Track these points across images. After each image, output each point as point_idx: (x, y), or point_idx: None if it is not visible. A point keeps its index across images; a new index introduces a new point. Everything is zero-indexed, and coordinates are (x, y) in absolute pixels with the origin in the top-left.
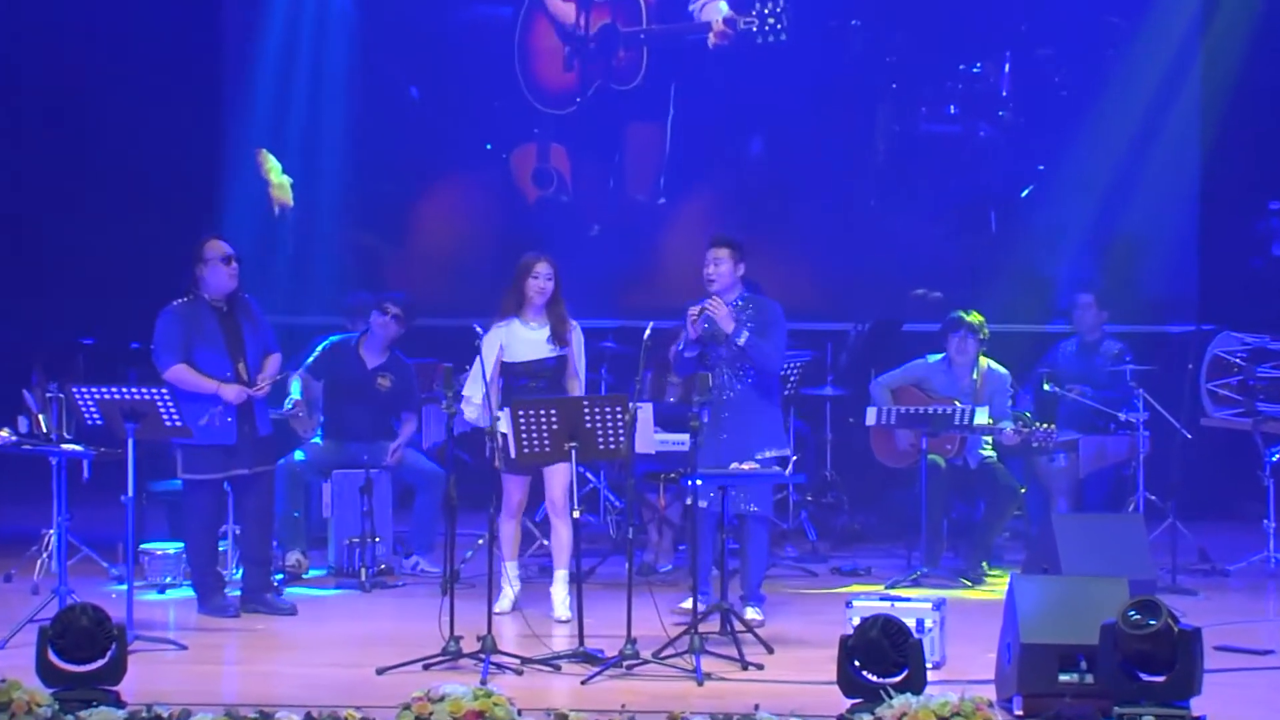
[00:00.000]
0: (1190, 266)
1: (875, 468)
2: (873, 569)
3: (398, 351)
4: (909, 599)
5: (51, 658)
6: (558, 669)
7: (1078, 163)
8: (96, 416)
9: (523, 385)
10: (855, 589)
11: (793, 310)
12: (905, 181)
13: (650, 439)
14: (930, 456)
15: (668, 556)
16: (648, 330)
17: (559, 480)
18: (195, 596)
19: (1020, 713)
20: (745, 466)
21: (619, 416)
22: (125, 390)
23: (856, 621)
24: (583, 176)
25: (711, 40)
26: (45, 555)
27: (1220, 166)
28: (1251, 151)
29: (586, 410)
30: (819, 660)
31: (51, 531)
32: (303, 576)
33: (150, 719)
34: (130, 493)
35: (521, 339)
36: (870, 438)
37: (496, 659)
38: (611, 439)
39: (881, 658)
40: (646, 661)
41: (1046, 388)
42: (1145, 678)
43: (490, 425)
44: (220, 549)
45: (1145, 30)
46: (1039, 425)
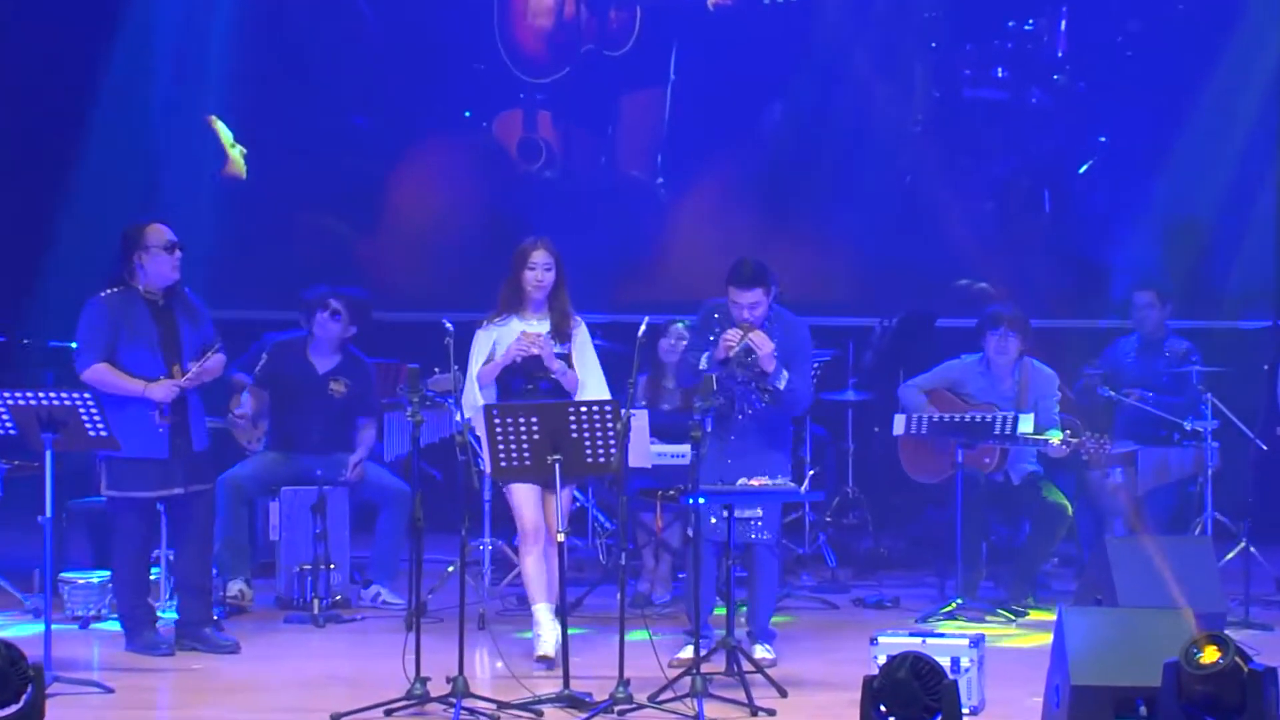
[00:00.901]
0: (1267, 256)
1: (904, 484)
2: (901, 600)
3: (353, 349)
4: (943, 635)
5: None
6: (539, 715)
7: (1144, 135)
8: (9, 425)
9: (520, 389)
10: (881, 623)
11: (811, 303)
12: (944, 156)
13: (646, 451)
14: (967, 471)
15: (665, 586)
16: (643, 326)
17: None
18: (123, 631)
19: None
20: (755, 482)
21: (610, 425)
22: (43, 395)
23: (882, 660)
24: (573, 149)
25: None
26: None
27: None
28: None
29: (573, 417)
30: (838, 705)
31: None
32: (247, 609)
33: None
34: (48, 513)
35: (516, 333)
36: (898, 449)
37: (469, 704)
38: (601, 451)
39: (911, 702)
40: (641, 706)
41: (1102, 392)
42: None
43: (459, 432)
44: (151, 577)
45: None
46: (1092, 435)
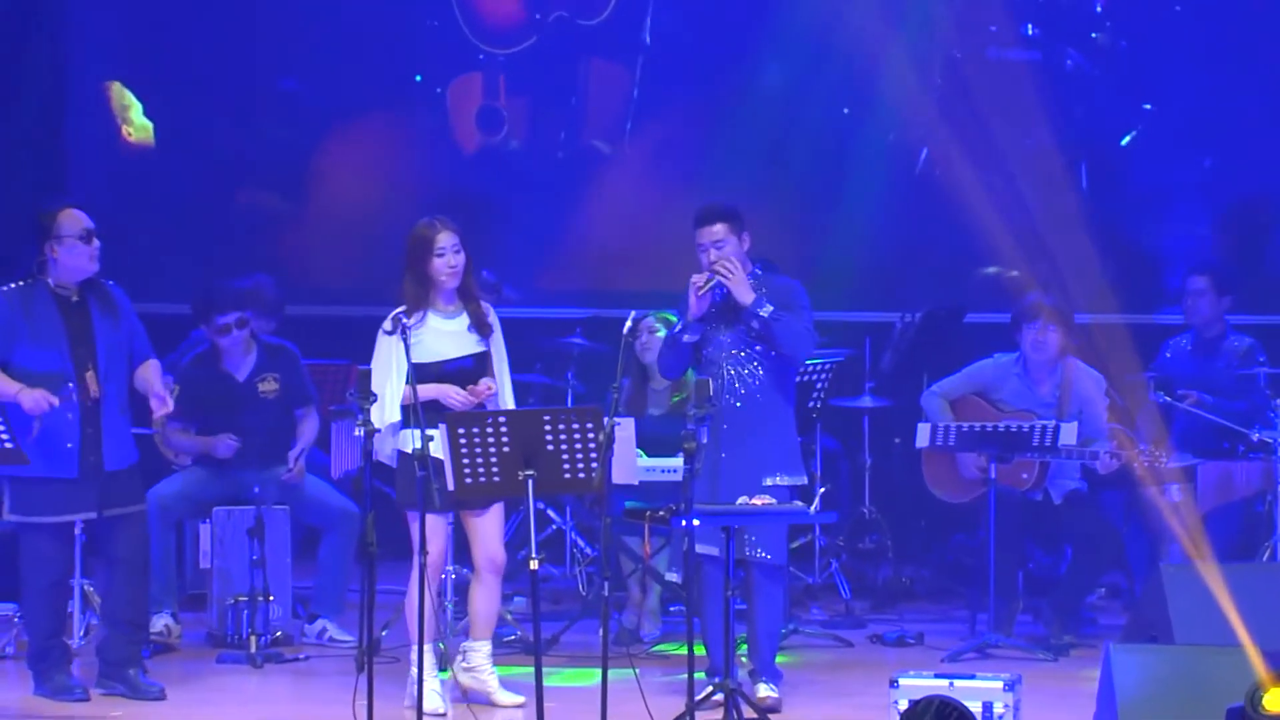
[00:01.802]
0: None
1: (928, 504)
2: (925, 637)
3: (267, 339)
4: (973, 676)
5: None
6: None
7: (1195, 102)
8: None
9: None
10: (902, 663)
11: (819, 298)
12: (968, 125)
13: (632, 465)
14: (1000, 488)
15: (655, 620)
16: (629, 322)
17: (493, 529)
18: (31, 673)
19: None
20: (756, 502)
21: (591, 435)
22: None
23: (904, 706)
24: (540, 118)
25: None
26: None
27: None
28: None
29: (549, 426)
30: None
31: None
32: (174, 647)
33: None
34: None
35: (437, 332)
36: (922, 464)
37: None
38: (581, 465)
39: None
40: None
41: (1155, 397)
42: None
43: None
44: (66, 610)
45: None
46: (1144, 446)
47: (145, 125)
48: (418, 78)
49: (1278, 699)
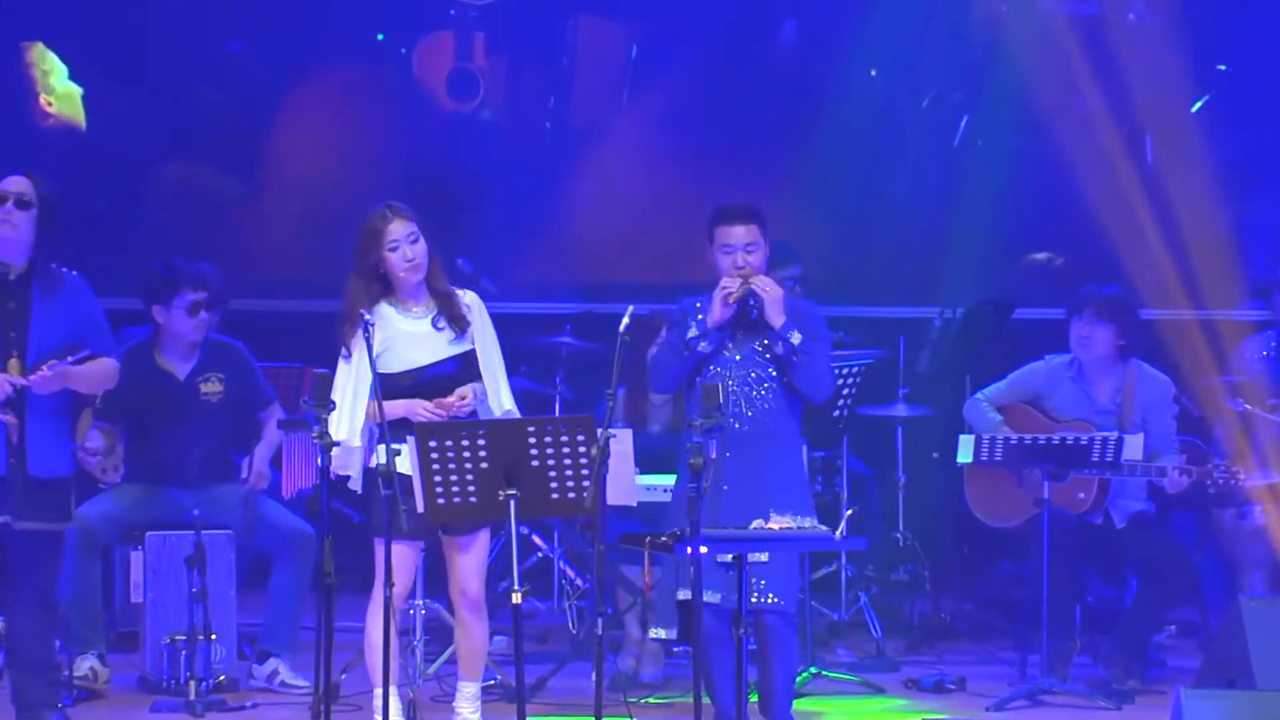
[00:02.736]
0: None
1: (972, 528)
2: (968, 682)
3: (213, 335)
4: None
5: None
6: None
7: (1276, 63)
8: None
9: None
10: (942, 712)
11: (844, 291)
12: (1015, 89)
13: (629, 484)
14: (1055, 510)
15: (656, 662)
16: (625, 319)
17: (474, 556)
18: None
19: None
20: (775, 525)
21: (582, 449)
22: None
23: None
24: (523, 82)
25: None
26: None
27: None
28: None
29: (534, 439)
30: None
31: None
32: (101, 693)
33: None
34: None
35: (402, 334)
36: (965, 482)
37: None
38: (571, 484)
39: None
40: None
41: (1233, 405)
42: None
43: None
44: None
45: None
46: (1220, 462)
47: (69, 93)
48: (379, 36)
49: None
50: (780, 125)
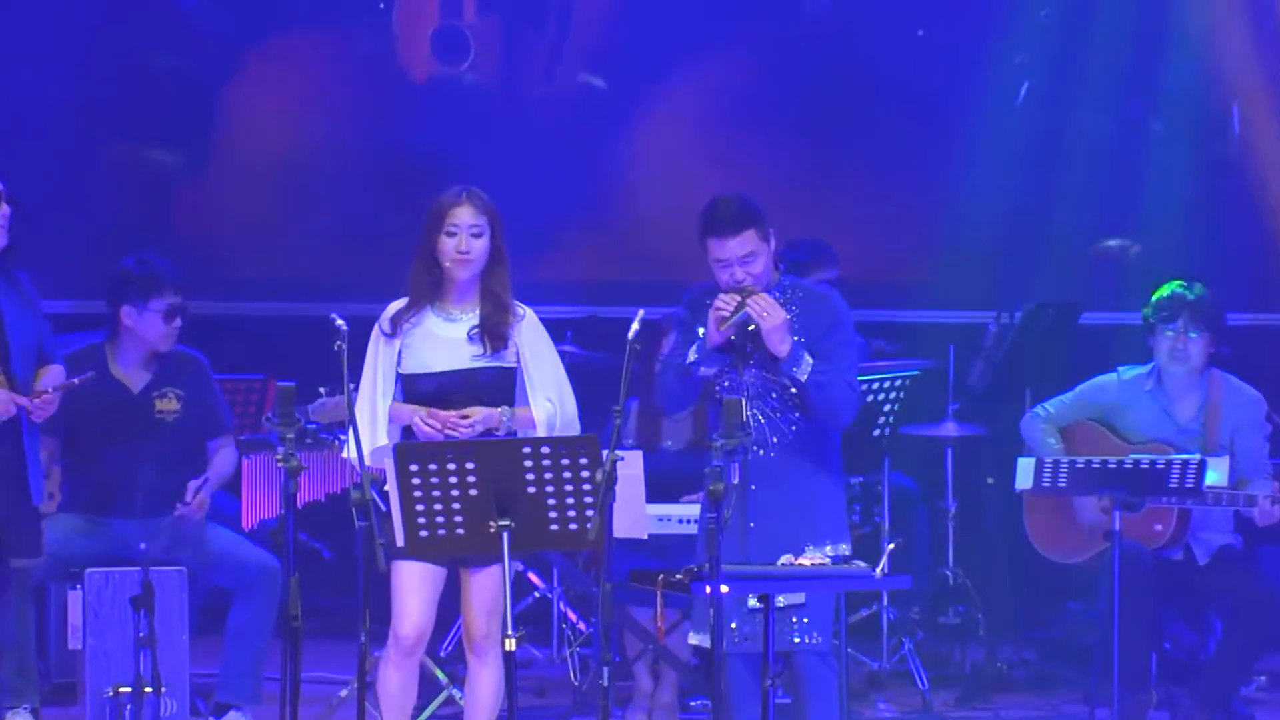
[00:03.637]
0: None
1: (1032, 563)
2: None
3: (181, 348)
4: None
5: None
6: None
7: None
8: None
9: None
10: None
11: (886, 293)
12: (1079, 54)
13: (640, 513)
14: (1128, 544)
15: (669, 715)
16: (635, 324)
17: (484, 591)
18: None
19: None
20: (805, 561)
21: (585, 473)
22: None
23: None
24: (516, 43)
25: None
26: None
27: None
28: None
29: (530, 461)
30: None
31: None
32: None
33: None
34: None
35: (432, 337)
36: (1024, 511)
37: None
38: (572, 513)
39: None
40: None
41: None
42: None
43: (356, 485)
44: None
45: None
46: None
47: None
48: None
49: None
50: (811, 95)
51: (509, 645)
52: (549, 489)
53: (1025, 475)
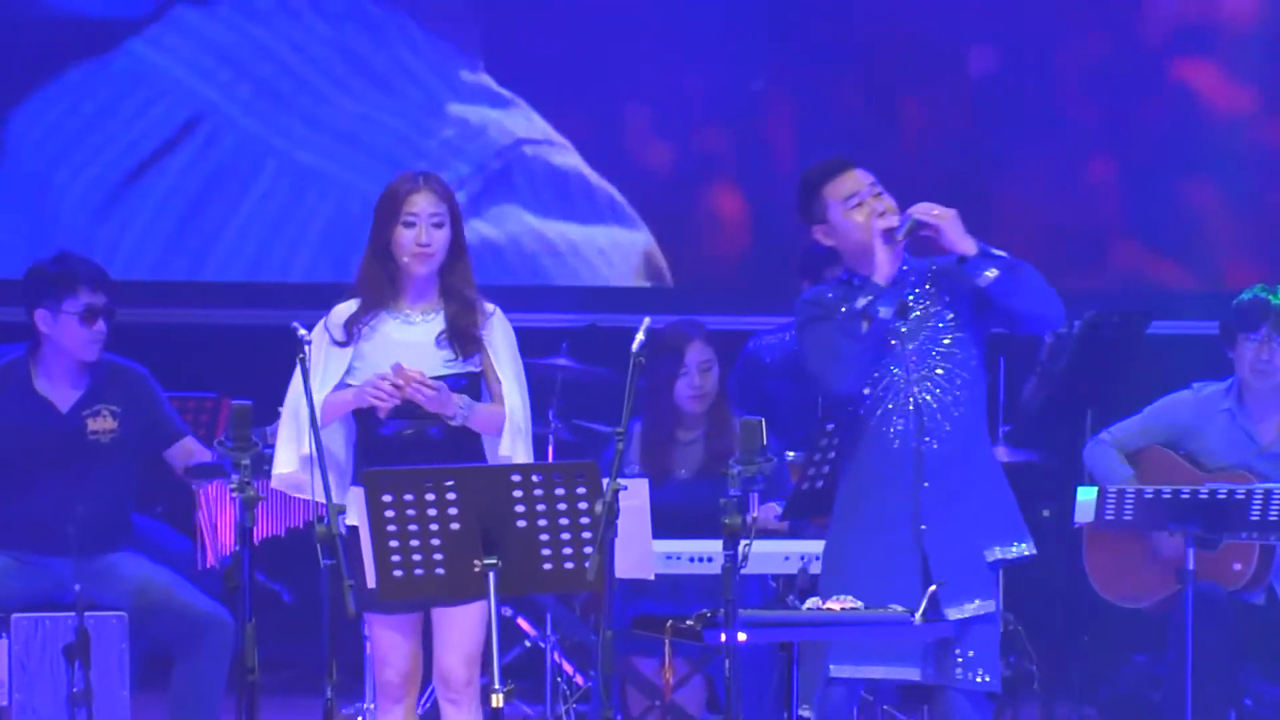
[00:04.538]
0: None
1: (1094, 608)
2: None
3: (110, 357)
4: None
5: None
6: None
7: None
8: None
9: (390, 435)
10: None
11: None
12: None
13: (645, 550)
14: (1202, 586)
15: None
16: (640, 334)
17: (461, 631)
18: None
19: None
20: (834, 606)
21: (583, 505)
22: None
23: None
24: None
25: None
26: None
27: None
28: None
29: (520, 491)
30: None
31: None
32: None
33: None
34: None
35: (392, 343)
36: (1084, 549)
37: None
38: (569, 550)
39: None
40: None
41: None
42: None
43: (322, 520)
44: None
45: None
46: None
47: None
48: None
49: None
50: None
51: (496, 701)
52: (541, 522)
53: (1086, 507)
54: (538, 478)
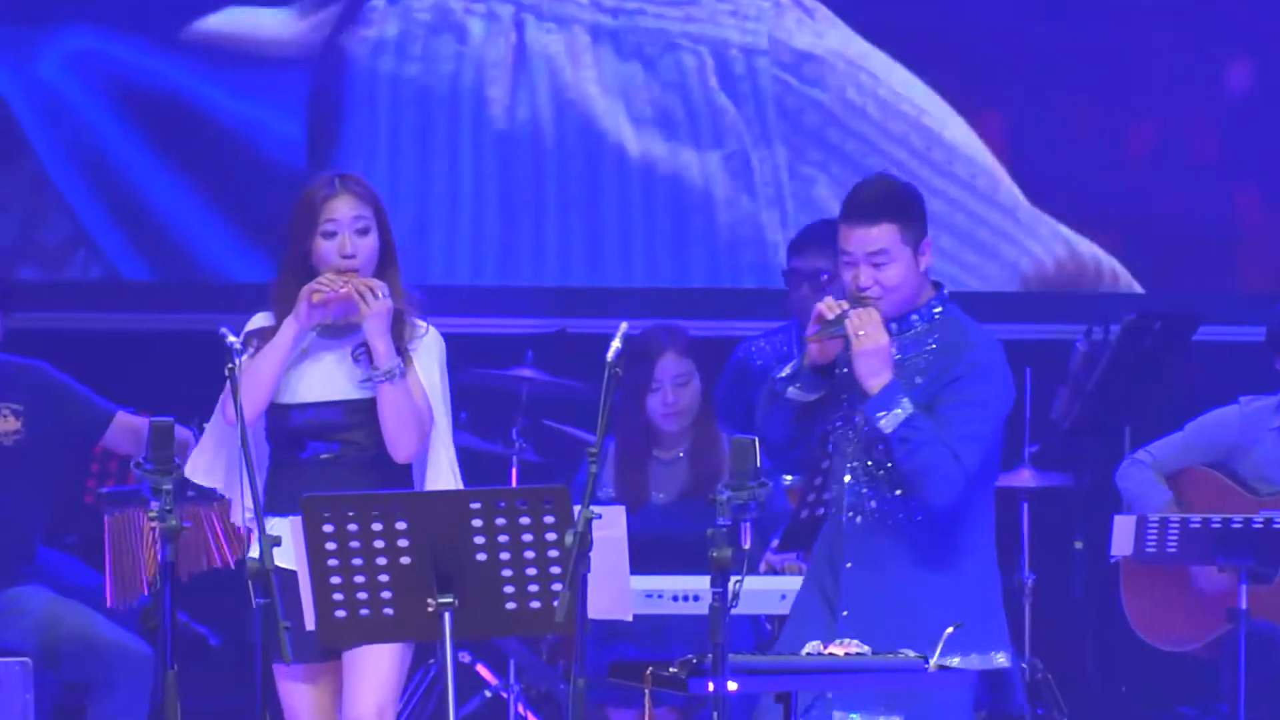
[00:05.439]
0: None
1: (1133, 651)
2: None
3: (10, 357)
4: None
5: None
6: None
7: None
8: None
9: (308, 458)
10: None
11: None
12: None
13: (622, 587)
14: (1255, 626)
15: None
16: (615, 341)
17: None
18: None
19: None
20: (837, 650)
21: (551, 535)
22: None
23: None
24: None
25: None
26: None
27: None
28: None
29: (480, 520)
30: None
31: None
32: None
33: None
34: None
35: (308, 359)
36: (1122, 584)
37: None
38: (535, 587)
39: None
40: None
41: None
42: None
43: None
44: None
45: None
46: None
47: None
48: None
49: None
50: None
51: None
52: (504, 555)
53: (1124, 538)
54: (500, 504)
